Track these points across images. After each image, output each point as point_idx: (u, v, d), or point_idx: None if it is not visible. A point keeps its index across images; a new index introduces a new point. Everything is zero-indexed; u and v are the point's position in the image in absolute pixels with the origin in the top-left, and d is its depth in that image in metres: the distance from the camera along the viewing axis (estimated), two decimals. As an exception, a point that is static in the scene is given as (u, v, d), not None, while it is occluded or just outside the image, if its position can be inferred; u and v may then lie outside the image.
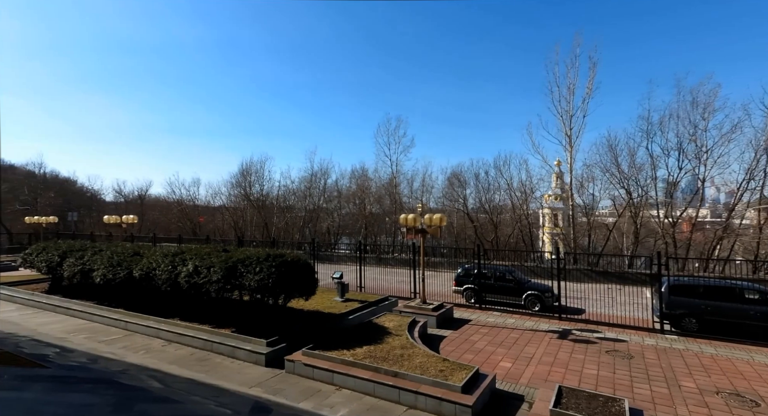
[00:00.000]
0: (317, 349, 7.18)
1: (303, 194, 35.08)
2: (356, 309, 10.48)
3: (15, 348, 5.59)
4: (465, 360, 7.36)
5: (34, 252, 13.31)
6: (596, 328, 10.04)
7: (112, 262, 10.59)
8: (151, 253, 10.57)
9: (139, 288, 10.67)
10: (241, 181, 35.45)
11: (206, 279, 8.59)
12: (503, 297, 12.65)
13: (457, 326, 10.18)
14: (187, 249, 10.16)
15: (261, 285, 7.89)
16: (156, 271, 9.64)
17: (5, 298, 13.19)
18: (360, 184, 33.73)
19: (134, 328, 9.63)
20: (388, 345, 7.36)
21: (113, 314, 10.27)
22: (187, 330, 8.70)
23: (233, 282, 8.41)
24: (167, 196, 40.53)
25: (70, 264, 11.54)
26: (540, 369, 7.05)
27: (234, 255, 8.79)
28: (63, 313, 11.23)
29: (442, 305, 10.90)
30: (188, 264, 9.02)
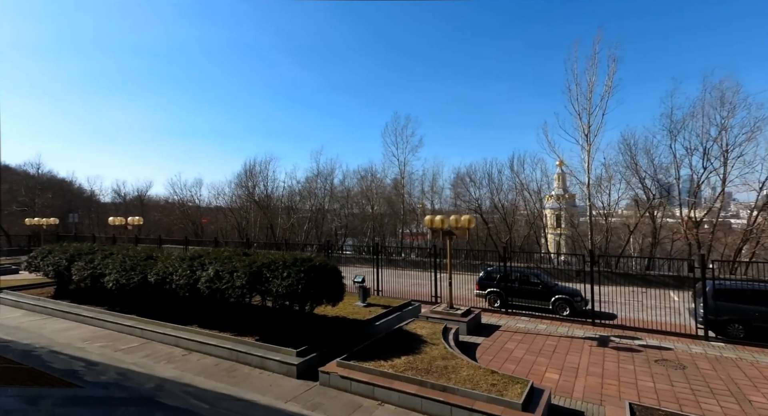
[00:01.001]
0: (352, 359, 6.84)
1: (308, 194, 34.72)
2: (382, 314, 10.13)
3: (38, 362, 5.26)
4: (507, 371, 7.03)
5: (39, 255, 12.94)
6: (634, 334, 9.71)
7: (125, 266, 10.24)
8: (165, 257, 10.21)
9: (153, 294, 10.32)
10: (246, 181, 35.10)
11: (229, 285, 8.24)
12: (529, 302, 12.32)
13: (488, 332, 9.85)
14: (205, 252, 9.81)
15: (290, 292, 7.54)
16: (173, 276, 9.29)
17: (10, 304, 12.82)
18: (367, 184, 33.40)
19: (151, 335, 9.28)
20: (427, 355, 7.02)
21: (127, 320, 9.91)
22: (209, 339, 8.34)
23: (258, 288, 8.06)
24: (169, 197, 40.13)
25: (79, 268, 11.18)
26: (591, 381, 6.72)
27: (257, 260, 8.44)
28: (73, 320, 10.87)
29: (470, 310, 10.57)
30: (209, 269, 8.67)
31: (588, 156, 20.45)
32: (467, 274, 15.44)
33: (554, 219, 27.71)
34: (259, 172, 34.48)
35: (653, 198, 19.97)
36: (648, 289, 15.84)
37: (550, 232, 27.95)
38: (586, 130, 20.45)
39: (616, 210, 23.36)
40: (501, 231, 24.71)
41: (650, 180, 20.15)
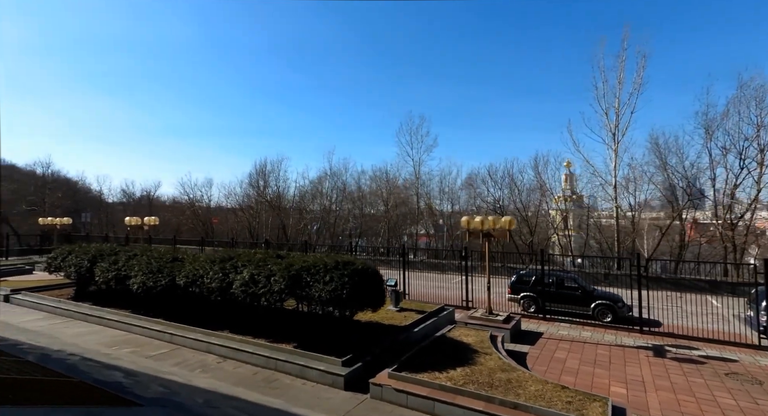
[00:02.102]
0: (403, 370, 6.44)
1: (320, 195, 34.40)
2: (418, 320, 9.72)
3: (80, 372, 4.92)
4: (567, 383, 6.57)
5: (60, 256, 12.67)
6: (689, 344, 9.22)
7: (152, 268, 9.91)
8: (193, 259, 9.88)
9: (179, 297, 10.00)
10: (257, 181, 34.85)
11: (266, 289, 7.87)
12: (567, 307, 11.85)
13: (532, 340, 9.41)
14: (235, 254, 9.45)
15: (333, 297, 7.15)
16: (204, 279, 8.94)
17: (30, 306, 12.56)
18: (380, 184, 33.02)
19: (180, 341, 8.93)
20: (483, 366, 6.60)
21: (154, 325, 9.58)
22: (243, 345, 7.98)
23: (299, 293, 7.69)
24: (179, 197, 39.99)
25: (103, 270, 10.87)
26: (664, 396, 6.26)
27: (295, 263, 8.06)
28: (96, 323, 10.57)
29: (511, 316, 10.14)
30: (243, 272, 8.31)
31: (615, 155, 19.93)
32: (495, 277, 14.89)
33: (563, 221, 27.18)
34: (270, 171, 34.26)
35: (687, 198, 19.39)
36: (683, 294, 15.28)
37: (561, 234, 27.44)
38: (613, 128, 19.96)
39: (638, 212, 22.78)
40: (523, 233, 24.22)
41: (681, 180, 19.59)
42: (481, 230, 9.92)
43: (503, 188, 26.46)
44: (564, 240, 26.03)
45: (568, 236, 23.76)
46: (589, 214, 23.56)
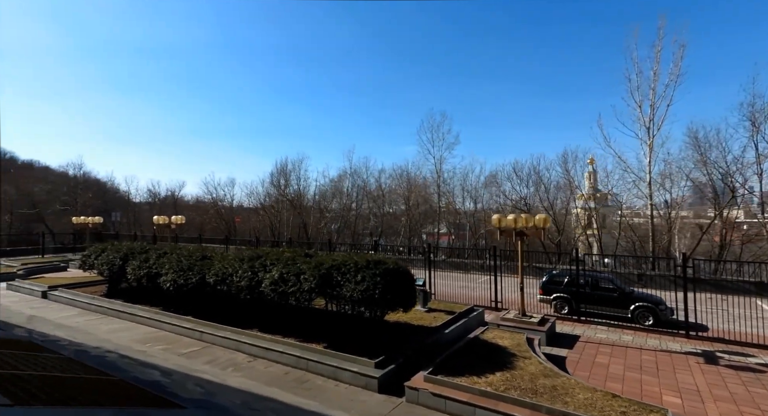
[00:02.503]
0: (439, 373, 6.21)
1: (341, 193, 34.45)
2: (449, 321, 9.45)
3: (119, 370, 4.92)
4: (615, 391, 6.18)
5: (93, 254, 13.04)
6: (742, 350, 8.61)
7: (182, 266, 10.02)
8: (222, 257, 9.93)
9: (208, 295, 10.07)
10: (278, 180, 35.21)
11: (296, 288, 7.79)
12: (603, 309, 11.32)
13: (569, 343, 8.99)
14: (263, 253, 9.43)
15: (365, 297, 6.99)
16: (233, 277, 8.96)
17: (65, 302, 12.98)
18: (401, 183, 32.76)
19: (209, 339, 8.98)
20: (524, 371, 6.29)
21: (184, 322, 9.67)
22: (273, 345, 7.92)
23: (329, 292, 7.57)
24: (203, 196, 40.87)
25: (134, 268, 11.09)
26: (724, 408, 5.80)
27: (324, 262, 7.95)
28: (128, 319, 10.79)
29: (546, 318, 9.73)
30: (272, 271, 8.26)
31: (650, 150, 18.98)
32: (517, 277, 14.35)
33: (587, 220, 26.19)
34: (291, 170, 34.53)
35: (731, 195, 18.27)
36: (726, 296, 14.39)
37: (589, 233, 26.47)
38: (648, 122, 19.02)
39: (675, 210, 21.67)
40: (550, 232, 23.45)
41: (724, 176, 18.47)
42: (514, 228, 9.56)
43: (529, 186, 25.79)
44: (591, 240, 25.12)
45: (598, 235, 22.87)
46: (622, 213, 22.56)
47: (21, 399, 2.72)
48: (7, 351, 4.40)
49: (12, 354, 4.36)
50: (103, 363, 5.40)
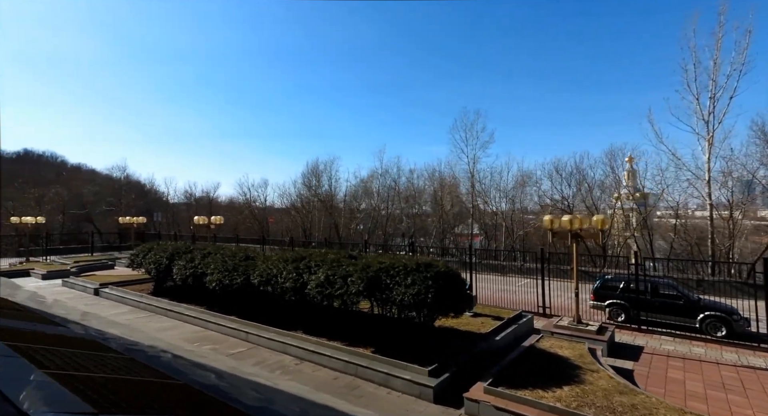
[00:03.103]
0: (500, 385, 5.82)
1: (371, 194, 34.39)
2: (498, 327, 9.00)
3: (177, 372, 4.91)
4: (701, 411, 5.57)
5: (141, 253, 13.51)
6: (840, 369, 7.62)
7: (227, 267, 10.13)
8: (265, 258, 9.96)
9: (251, 295, 10.13)
10: (309, 180, 35.62)
11: (342, 291, 7.62)
12: (665, 317, 10.46)
13: (633, 355, 8.31)
14: (307, 254, 9.36)
15: (418, 301, 6.70)
16: (278, 278, 8.93)
17: (115, 299, 13.54)
18: (433, 182, 32.27)
19: (255, 340, 9.00)
20: (594, 386, 5.79)
21: (229, 322, 9.77)
22: (320, 348, 7.79)
23: (378, 296, 7.35)
24: (237, 197, 42.04)
25: (180, 268, 11.35)
26: (839, 436, 5.07)
27: (372, 264, 7.73)
28: (175, 318, 11.05)
29: (604, 327, 9.07)
30: (318, 273, 8.14)
31: (709, 146, 17.53)
32: (563, 281, 13.58)
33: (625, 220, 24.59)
34: (322, 171, 34.85)
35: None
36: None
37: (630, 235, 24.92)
38: (707, 116, 17.58)
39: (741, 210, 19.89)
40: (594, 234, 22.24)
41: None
42: (570, 230, 8.97)
43: (571, 185, 24.55)
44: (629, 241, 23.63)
45: (646, 237, 21.44)
46: (677, 213, 21.00)
47: (102, 406, 2.62)
48: (77, 351, 4.38)
49: (81, 353, 4.34)
50: (161, 363, 5.39)
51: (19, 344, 4.30)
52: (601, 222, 8.86)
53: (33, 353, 4.05)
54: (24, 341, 4.50)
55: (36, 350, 4.20)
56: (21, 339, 4.58)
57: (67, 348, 4.74)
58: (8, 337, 4.46)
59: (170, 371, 4.85)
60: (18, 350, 4.02)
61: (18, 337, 4.67)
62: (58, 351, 4.51)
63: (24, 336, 4.88)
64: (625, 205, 24.71)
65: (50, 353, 4.26)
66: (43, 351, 4.32)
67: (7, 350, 3.81)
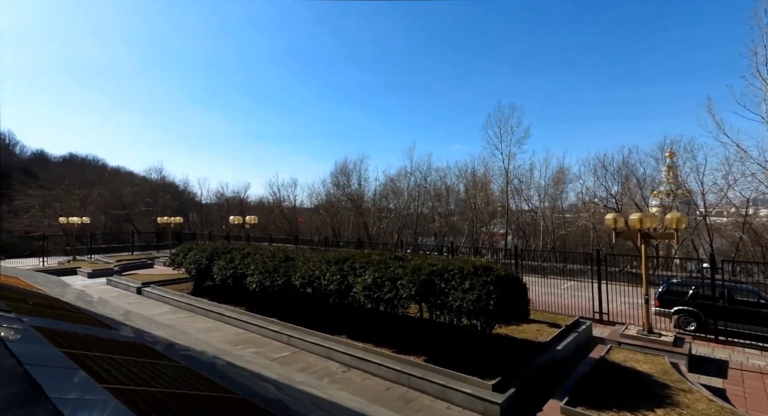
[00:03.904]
0: (578, 405, 5.21)
1: (402, 193, 33.92)
2: (557, 336, 8.32)
3: (234, 383, 4.66)
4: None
5: (181, 253, 13.67)
6: None
7: (267, 268, 9.96)
8: (306, 259, 9.70)
9: (291, 297, 9.93)
10: (338, 180, 35.61)
11: (392, 295, 7.20)
12: (748, 328, 9.37)
13: (718, 371, 7.41)
14: (350, 255, 9.02)
15: (478, 307, 6.17)
16: (321, 280, 8.64)
17: (157, 298, 13.78)
18: (465, 181, 31.39)
19: (297, 343, 8.75)
20: (693, 409, 5.07)
21: (270, 325, 9.59)
22: (368, 355, 7.41)
23: (432, 301, 6.87)
24: (267, 197, 42.71)
25: (220, 268, 11.33)
26: None
27: (422, 266, 7.26)
28: (216, 319, 11.03)
29: (680, 338, 8.19)
30: (365, 276, 7.76)
31: (781, 137, 15.83)
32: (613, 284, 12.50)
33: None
34: (352, 170, 34.74)
35: None
36: None
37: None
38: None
39: None
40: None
41: None
42: (639, 230, 8.14)
43: (618, 181, 23.03)
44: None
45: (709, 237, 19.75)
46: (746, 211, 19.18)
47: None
48: (131, 358, 4.08)
49: (136, 362, 4.03)
50: (216, 372, 5.13)
51: (76, 352, 4.08)
52: (676, 221, 7.98)
53: (90, 363, 3.81)
54: (80, 347, 4.29)
55: (92, 359, 3.97)
56: (77, 345, 4.38)
57: (122, 356, 4.52)
58: (65, 343, 4.26)
59: (226, 381, 4.58)
60: (75, 359, 3.79)
61: (74, 343, 4.47)
62: (114, 359, 4.28)
63: (79, 341, 4.68)
64: (665, 203, 23.02)
65: (106, 362, 4.03)
66: (99, 360, 4.09)
67: (67, 361, 3.56)
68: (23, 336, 4.17)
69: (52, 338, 4.26)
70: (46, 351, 3.67)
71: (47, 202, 35.42)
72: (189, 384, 3.98)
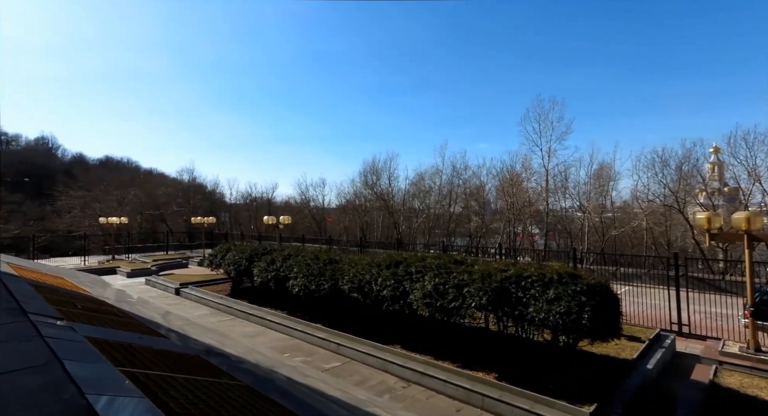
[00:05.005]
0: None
1: (433, 192, 33.07)
2: (643, 352, 7.37)
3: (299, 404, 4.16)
4: None
5: (219, 253, 13.51)
6: None
7: (312, 271, 9.50)
8: (354, 262, 9.17)
9: (336, 302, 9.44)
10: (367, 179, 35.19)
11: (457, 304, 6.52)
12: None
13: None
14: (403, 258, 8.40)
15: (568, 322, 5.39)
16: (372, 285, 8.07)
17: (195, 299, 13.68)
18: (500, 179, 30.18)
19: (347, 353, 8.22)
20: None
21: (316, 331, 9.12)
22: (430, 369, 6.76)
23: (508, 312, 6.14)
24: (296, 197, 42.90)
25: (261, 270, 11.00)
26: None
27: (492, 272, 6.53)
28: (257, 323, 10.70)
29: (795, 358, 7.05)
30: (424, 281, 7.12)
31: None
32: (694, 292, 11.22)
33: None
34: (382, 169, 34.21)
35: None
36: None
37: None
38: None
39: None
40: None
41: None
42: (747, 230, 7.07)
43: (681, 177, 21.12)
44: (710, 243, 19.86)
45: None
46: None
47: None
48: (191, 377, 3.48)
49: (197, 381, 3.43)
50: (279, 391, 4.64)
51: (136, 371, 3.56)
52: (790, 221, 6.87)
53: (154, 387, 3.31)
54: (140, 365, 3.80)
55: (153, 379, 3.49)
56: (136, 362, 3.89)
57: (183, 374, 4.02)
58: (122, 359, 3.77)
59: (294, 403, 4.05)
60: (138, 382, 3.27)
61: (132, 359, 3.97)
62: (176, 380, 3.77)
63: (136, 355, 4.19)
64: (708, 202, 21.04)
65: (170, 384, 3.53)
66: (162, 381, 3.58)
67: (130, 386, 3.02)
68: (79, 351, 3.74)
69: (107, 352, 3.84)
70: (106, 373, 3.20)
71: (87, 202, 36.93)
72: (257, 409, 3.46)
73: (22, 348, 3.27)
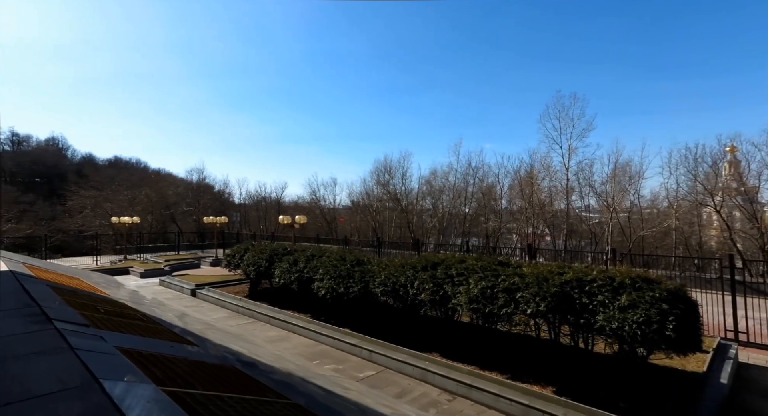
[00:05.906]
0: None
1: (446, 191, 32.49)
2: (710, 364, 6.75)
3: None
4: None
5: (237, 254, 13.12)
6: None
7: (340, 273, 9.02)
8: (386, 264, 8.68)
9: (364, 305, 8.96)
10: (380, 178, 34.72)
11: (509, 310, 5.97)
12: None
13: None
14: (440, 259, 7.88)
15: (647, 332, 4.81)
16: (408, 289, 7.56)
17: (213, 301, 13.29)
18: (517, 178, 29.48)
19: (381, 361, 7.70)
20: None
21: (344, 336, 8.63)
22: (478, 381, 6.22)
23: (570, 320, 5.58)
24: (306, 197, 42.59)
25: (283, 271, 10.55)
26: None
27: (547, 276, 5.97)
28: (279, 326, 10.25)
29: None
30: (469, 285, 6.58)
31: None
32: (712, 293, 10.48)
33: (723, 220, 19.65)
34: (395, 168, 33.71)
35: None
36: None
37: None
38: None
39: None
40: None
41: None
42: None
43: (716, 172, 20.27)
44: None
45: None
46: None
47: None
48: (238, 396, 2.97)
49: (241, 400, 2.96)
50: (324, 409, 4.11)
51: (179, 391, 3.05)
52: None
53: (202, 410, 2.82)
54: (182, 383, 3.31)
55: (201, 402, 3.00)
56: (175, 379, 3.40)
57: (226, 392, 3.54)
58: (161, 375, 3.28)
59: None
60: (185, 405, 2.74)
61: (170, 374, 3.47)
62: (224, 401, 3.28)
63: (174, 370, 3.68)
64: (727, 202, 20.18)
65: (219, 408, 3.05)
66: (210, 403, 3.08)
67: (174, 407, 2.50)
68: (114, 367, 3.26)
69: (143, 366, 3.37)
70: (151, 395, 2.72)
71: (98, 202, 36.99)
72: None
73: (53, 364, 2.81)
